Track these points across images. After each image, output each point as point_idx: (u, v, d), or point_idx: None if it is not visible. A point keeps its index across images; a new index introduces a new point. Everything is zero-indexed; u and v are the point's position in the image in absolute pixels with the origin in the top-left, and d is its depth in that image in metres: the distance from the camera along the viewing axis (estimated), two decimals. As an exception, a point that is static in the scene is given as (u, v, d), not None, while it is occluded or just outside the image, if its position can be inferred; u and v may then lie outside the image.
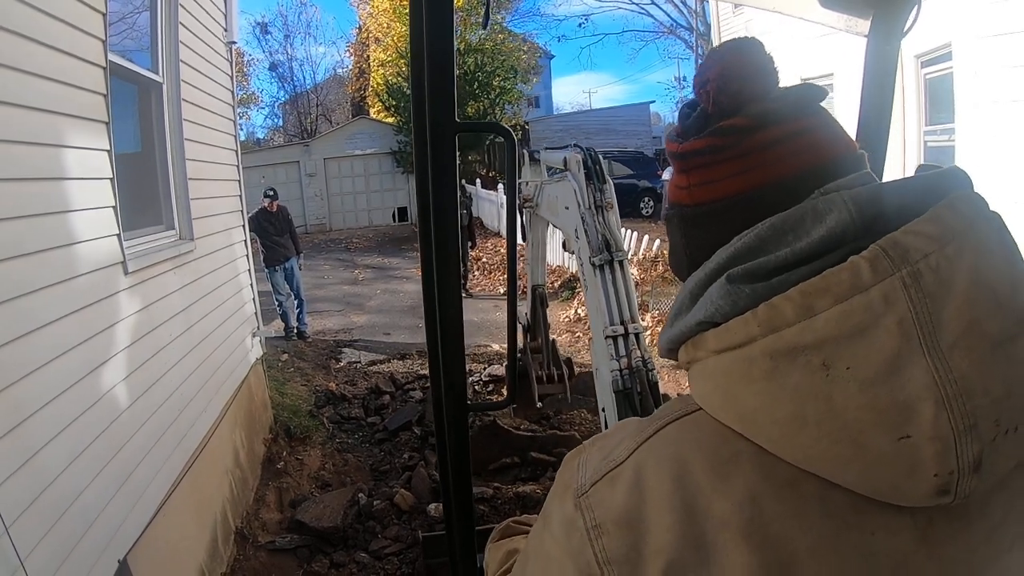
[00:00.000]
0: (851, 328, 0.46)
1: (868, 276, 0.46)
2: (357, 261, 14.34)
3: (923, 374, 0.45)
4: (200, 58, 4.30)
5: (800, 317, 0.47)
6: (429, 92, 1.00)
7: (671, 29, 25.36)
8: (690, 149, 0.59)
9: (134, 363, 2.97)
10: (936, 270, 0.46)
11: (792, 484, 0.49)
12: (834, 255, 0.49)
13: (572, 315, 8.30)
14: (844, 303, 0.46)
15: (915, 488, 0.46)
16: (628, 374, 1.98)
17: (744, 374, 0.50)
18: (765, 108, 0.56)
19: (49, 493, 2.17)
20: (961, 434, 0.45)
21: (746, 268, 0.52)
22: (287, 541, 3.99)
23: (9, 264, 2.11)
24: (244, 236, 5.22)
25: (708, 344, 0.54)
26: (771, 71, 0.59)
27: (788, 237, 0.51)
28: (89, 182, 2.70)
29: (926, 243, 0.47)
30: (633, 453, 0.55)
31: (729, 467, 0.51)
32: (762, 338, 0.49)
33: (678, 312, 0.58)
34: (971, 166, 2.38)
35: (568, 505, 0.57)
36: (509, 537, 1.02)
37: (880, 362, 0.45)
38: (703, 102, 0.60)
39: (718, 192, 0.58)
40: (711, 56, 0.60)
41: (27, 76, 2.27)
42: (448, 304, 1.21)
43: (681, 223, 0.62)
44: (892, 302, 0.46)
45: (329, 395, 6.19)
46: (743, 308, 0.51)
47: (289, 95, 29.46)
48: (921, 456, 0.45)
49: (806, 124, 0.56)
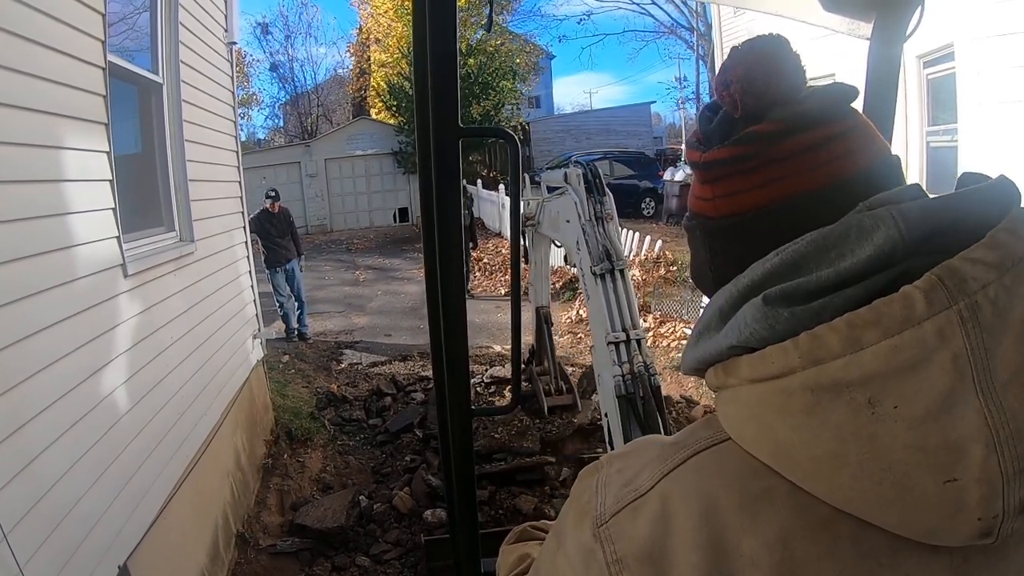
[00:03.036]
0: (901, 364, 0.43)
1: (922, 309, 0.43)
2: (358, 262, 14.33)
3: (975, 414, 0.42)
4: (200, 59, 4.29)
5: (846, 350, 0.44)
6: (432, 98, 0.99)
7: (672, 29, 25.39)
8: (714, 159, 0.55)
9: (134, 366, 2.95)
10: (995, 302, 0.43)
11: (826, 524, 0.46)
12: (881, 276, 0.46)
13: (574, 316, 8.29)
14: (894, 337, 0.43)
15: (957, 531, 0.44)
16: (631, 379, 2.02)
17: (781, 407, 0.47)
18: (795, 111, 0.53)
19: (48, 499, 2.15)
20: (1010, 478, 0.42)
21: (784, 289, 0.47)
22: (288, 544, 3.97)
23: (8, 267, 2.10)
24: (245, 237, 5.21)
25: (742, 371, 0.50)
26: (799, 70, 0.55)
27: (831, 255, 0.47)
28: (88, 184, 2.68)
29: (985, 272, 0.44)
30: (658, 483, 0.52)
31: (760, 504, 0.48)
32: (803, 370, 0.45)
33: (705, 329, 0.54)
34: (974, 167, 2.35)
35: (586, 533, 0.54)
36: (524, 542, 1.00)
37: (931, 401, 0.42)
38: (727, 106, 0.56)
39: (746, 204, 0.54)
40: (733, 56, 0.56)
41: (25, 77, 2.25)
42: (452, 309, 1.19)
43: (705, 236, 0.59)
44: (947, 337, 0.42)
45: (330, 397, 6.18)
46: (781, 334, 0.47)
47: (290, 96, 29.50)
48: (966, 499, 0.42)
49: (839, 128, 0.53)
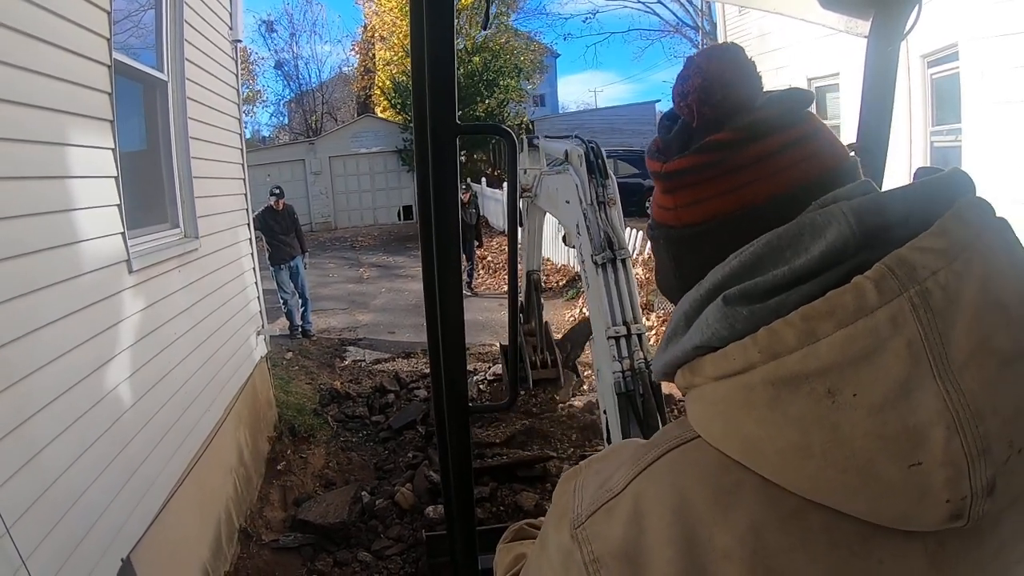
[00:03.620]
0: (856, 353, 0.44)
1: (874, 298, 0.44)
2: (362, 259, 14.36)
3: (933, 398, 0.43)
4: (205, 56, 4.31)
5: (802, 343, 0.45)
6: (430, 94, 1.00)
7: (677, 28, 25.27)
8: (675, 168, 0.56)
9: (138, 361, 2.97)
10: (945, 287, 0.44)
11: (796, 515, 0.47)
12: (835, 271, 0.47)
13: (577, 314, 8.29)
14: (848, 327, 0.44)
15: (926, 515, 0.44)
16: (630, 375, 1.99)
17: (744, 402, 0.48)
18: (753, 119, 0.53)
19: (52, 492, 2.17)
20: (974, 459, 0.43)
21: (743, 289, 0.49)
22: (291, 539, 4.00)
23: (13, 262, 2.12)
24: (249, 234, 5.23)
25: (706, 370, 0.51)
26: (754, 76, 0.56)
27: (786, 254, 0.48)
28: (93, 180, 2.70)
29: (934, 259, 0.45)
30: (631, 483, 0.53)
31: (731, 498, 0.48)
32: (763, 365, 0.46)
33: (673, 334, 0.55)
34: (978, 167, 2.34)
35: (564, 535, 0.55)
36: (520, 540, 1.01)
37: (888, 387, 0.43)
38: (684, 115, 0.57)
39: (708, 212, 0.55)
40: (689, 66, 0.56)
41: (31, 75, 2.27)
42: (449, 307, 1.20)
43: (669, 245, 0.60)
44: (900, 324, 0.43)
45: (334, 393, 6.20)
46: (741, 332, 0.48)
47: (294, 93, 29.49)
48: (933, 483, 0.43)
49: (797, 134, 0.53)
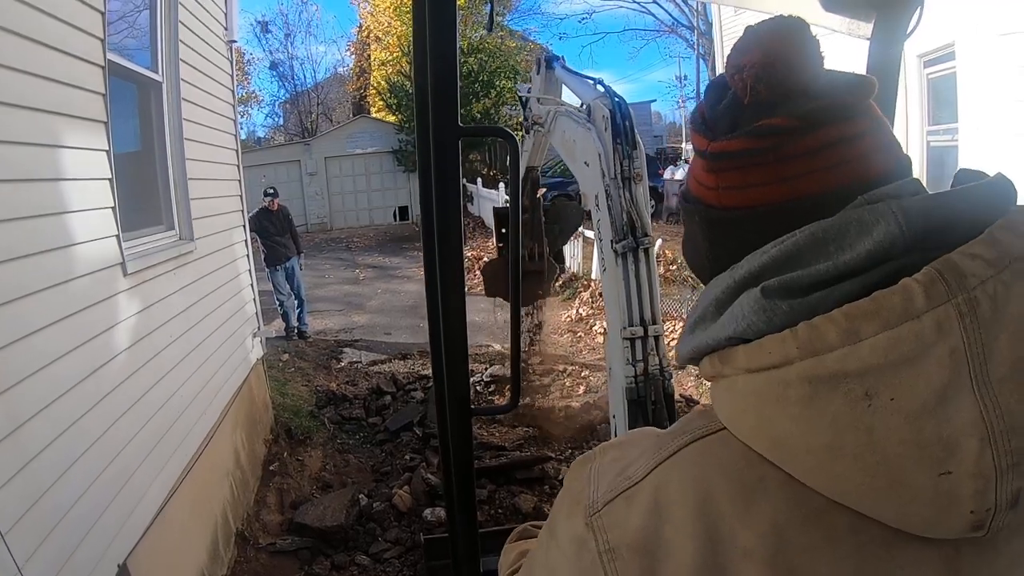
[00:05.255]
0: (899, 357, 0.43)
1: (921, 302, 0.43)
2: (358, 260, 14.32)
3: (970, 409, 0.42)
4: (200, 57, 4.28)
5: (844, 342, 0.44)
6: (432, 97, 0.99)
7: (672, 28, 25.38)
8: (723, 150, 0.53)
9: (134, 365, 2.94)
10: (993, 298, 0.43)
11: (821, 515, 0.46)
12: (879, 271, 0.45)
13: (573, 315, 8.28)
14: (894, 329, 0.43)
15: (949, 523, 0.44)
16: (644, 381, 1.84)
17: (779, 398, 0.46)
18: (811, 107, 0.50)
19: (47, 498, 2.14)
20: (1003, 472, 0.42)
21: (783, 281, 0.47)
22: (288, 543, 3.97)
23: (7, 266, 2.09)
24: (245, 236, 5.20)
25: (738, 361, 0.49)
26: (817, 58, 0.52)
27: (829, 248, 0.47)
28: (87, 183, 2.68)
29: (984, 268, 0.43)
30: (652, 472, 0.52)
31: (755, 494, 0.47)
32: (800, 361, 0.45)
33: (701, 318, 0.53)
34: (974, 167, 2.34)
35: (578, 522, 0.54)
36: (525, 539, 0.99)
37: (927, 395, 0.42)
38: (737, 88, 0.53)
39: (752, 199, 0.52)
40: (749, 37, 0.53)
41: (24, 75, 2.24)
42: (451, 308, 1.19)
43: (704, 225, 0.57)
44: (945, 331, 0.42)
45: (330, 395, 6.18)
46: (779, 326, 0.47)
47: (290, 94, 29.40)
48: (960, 493, 0.42)
49: (857, 128, 0.50)
